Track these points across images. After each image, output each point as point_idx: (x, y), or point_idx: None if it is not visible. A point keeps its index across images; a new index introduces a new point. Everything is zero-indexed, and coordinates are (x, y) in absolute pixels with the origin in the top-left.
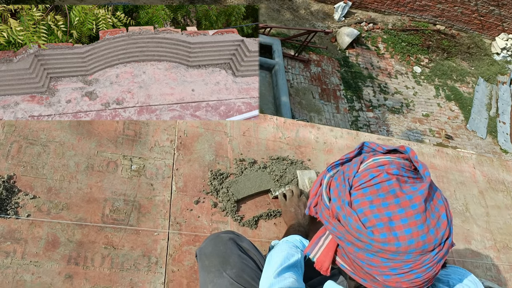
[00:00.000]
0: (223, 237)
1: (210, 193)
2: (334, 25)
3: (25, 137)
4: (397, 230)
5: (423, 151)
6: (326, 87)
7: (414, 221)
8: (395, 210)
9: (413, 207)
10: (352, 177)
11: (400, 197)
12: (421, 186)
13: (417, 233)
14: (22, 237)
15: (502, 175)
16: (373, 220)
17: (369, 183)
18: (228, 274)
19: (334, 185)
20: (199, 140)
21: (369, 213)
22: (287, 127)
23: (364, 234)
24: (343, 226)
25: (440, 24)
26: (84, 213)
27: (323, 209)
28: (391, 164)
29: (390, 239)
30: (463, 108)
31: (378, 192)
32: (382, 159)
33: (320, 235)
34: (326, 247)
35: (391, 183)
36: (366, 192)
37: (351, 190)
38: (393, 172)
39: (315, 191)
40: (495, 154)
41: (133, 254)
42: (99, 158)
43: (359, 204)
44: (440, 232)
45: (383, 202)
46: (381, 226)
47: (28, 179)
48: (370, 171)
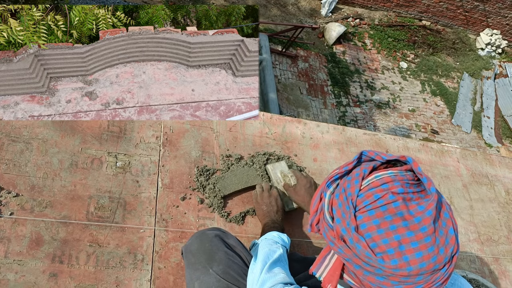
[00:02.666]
0: (209, 234)
1: (196, 189)
2: (321, 21)
3: (7, 134)
4: (408, 254)
5: (409, 146)
6: (313, 82)
7: (424, 244)
8: (404, 233)
9: (422, 230)
10: (355, 196)
11: (408, 220)
12: (428, 205)
13: (428, 256)
14: (5, 235)
15: (486, 169)
16: (382, 246)
17: (375, 204)
18: (214, 270)
19: (336, 204)
20: (185, 136)
21: (378, 238)
22: (273, 123)
23: (374, 260)
24: (350, 249)
25: (426, 19)
26: (69, 211)
27: (326, 230)
28: (395, 182)
29: (402, 265)
30: (449, 103)
31: (385, 215)
32: (385, 175)
33: (325, 254)
34: (333, 266)
35: (398, 205)
36: (372, 215)
37: (356, 212)
38: (397, 191)
39: (316, 208)
40: (480, 148)
41: (119, 252)
42: (83, 155)
43: (367, 229)
44: (449, 249)
45: (391, 225)
46: (392, 253)
47: (11, 177)
48: (374, 191)
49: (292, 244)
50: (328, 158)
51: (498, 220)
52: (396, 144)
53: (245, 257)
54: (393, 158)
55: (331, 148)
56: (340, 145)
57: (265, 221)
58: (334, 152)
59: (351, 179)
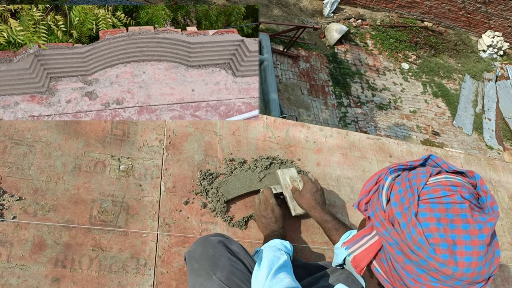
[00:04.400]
0: (212, 240)
1: (199, 193)
2: (323, 21)
3: (10, 137)
4: (459, 255)
5: (412, 151)
6: (314, 83)
7: (477, 251)
8: (461, 235)
9: (480, 237)
10: (420, 187)
11: (469, 224)
12: (491, 218)
13: (476, 264)
14: (7, 239)
15: (489, 174)
16: (437, 239)
17: (440, 200)
18: (218, 277)
19: (396, 189)
20: (188, 139)
21: (435, 230)
22: (277, 127)
23: (425, 249)
24: (399, 234)
25: (428, 21)
26: (72, 215)
27: (377, 210)
28: (464, 187)
29: (450, 262)
30: (450, 104)
31: (448, 212)
32: (455, 179)
33: (365, 234)
34: (369, 247)
35: (464, 208)
36: (435, 208)
37: (419, 201)
38: (466, 196)
39: (369, 188)
40: (481, 150)
41: (122, 256)
42: (86, 159)
43: (426, 218)
44: (492, 267)
45: (451, 224)
46: (445, 247)
47: (14, 180)
48: (443, 188)
49: (294, 249)
50: (331, 163)
51: (501, 226)
52: (400, 149)
53: (248, 264)
54: (461, 170)
55: (334, 153)
56: (343, 150)
57: (266, 233)
58: (338, 156)
59: (417, 173)
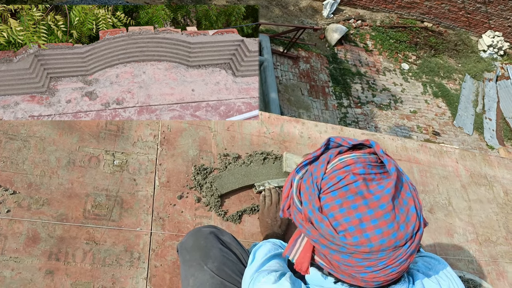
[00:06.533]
0: (204, 231)
1: (193, 188)
2: (322, 22)
3: (4, 132)
4: (368, 231)
5: (407, 146)
6: (314, 83)
7: (384, 221)
8: (365, 211)
9: (381, 207)
10: (320, 179)
11: (368, 198)
12: (388, 184)
13: (388, 232)
14: (1, 232)
15: (485, 170)
16: (344, 224)
17: (337, 185)
18: (209, 267)
19: (304, 188)
20: (182, 135)
21: (340, 217)
22: (271, 122)
23: (337, 238)
24: (317, 230)
25: (428, 21)
26: (65, 209)
27: (295, 213)
28: (357, 163)
29: (363, 241)
30: (450, 104)
31: (347, 194)
32: (348, 158)
33: (296, 237)
34: (304, 248)
35: (358, 185)
36: (335, 196)
37: (320, 194)
38: (359, 172)
39: (287, 193)
40: (481, 150)
41: (115, 250)
42: (80, 153)
43: (329, 209)
44: (410, 226)
45: (352, 204)
46: (353, 230)
47: (8, 175)
48: (337, 173)
49: None
50: None
51: (496, 221)
52: (394, 144)
53: (240, 254)
54: (358, 142)
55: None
56: None
57: (267, 233)
58: None
59: (317, 164)
